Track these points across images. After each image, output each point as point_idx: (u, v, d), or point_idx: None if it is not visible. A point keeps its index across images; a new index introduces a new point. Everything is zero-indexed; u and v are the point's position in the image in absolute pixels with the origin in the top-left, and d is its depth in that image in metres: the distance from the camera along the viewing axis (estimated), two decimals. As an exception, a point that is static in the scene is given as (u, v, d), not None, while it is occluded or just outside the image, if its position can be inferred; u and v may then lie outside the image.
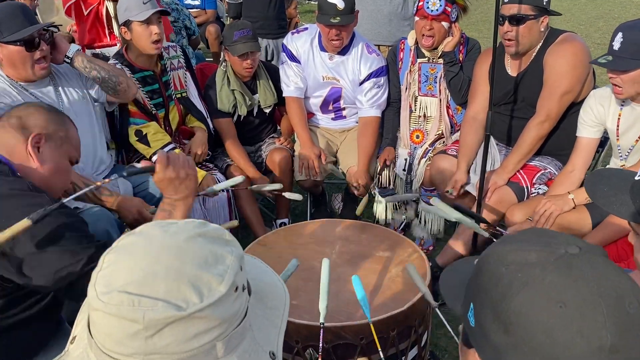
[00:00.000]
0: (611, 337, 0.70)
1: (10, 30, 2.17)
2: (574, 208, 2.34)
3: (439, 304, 1.68)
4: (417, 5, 2.86)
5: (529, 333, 0.73)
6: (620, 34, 2.12)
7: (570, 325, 0.71)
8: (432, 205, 2.21)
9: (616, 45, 2.12)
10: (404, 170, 3.07)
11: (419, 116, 3.09)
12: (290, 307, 0.94)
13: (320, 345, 1.58)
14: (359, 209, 2.63)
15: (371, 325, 1.64)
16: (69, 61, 2.39)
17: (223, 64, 3.10)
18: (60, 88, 2.42)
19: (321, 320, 1.60)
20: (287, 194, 2.45)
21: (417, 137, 3.11)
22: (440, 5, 2.80)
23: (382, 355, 1.62)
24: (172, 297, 0.71)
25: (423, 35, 2.89)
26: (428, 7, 2.81)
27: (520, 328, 0.74)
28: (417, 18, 2.90)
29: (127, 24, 2.70)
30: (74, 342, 0.80)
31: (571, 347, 0.71)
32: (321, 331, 1.59)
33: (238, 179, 2.43)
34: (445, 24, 2.86)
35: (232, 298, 0.76)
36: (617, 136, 2.33)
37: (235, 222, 2.22)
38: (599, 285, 0.73)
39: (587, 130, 2.43)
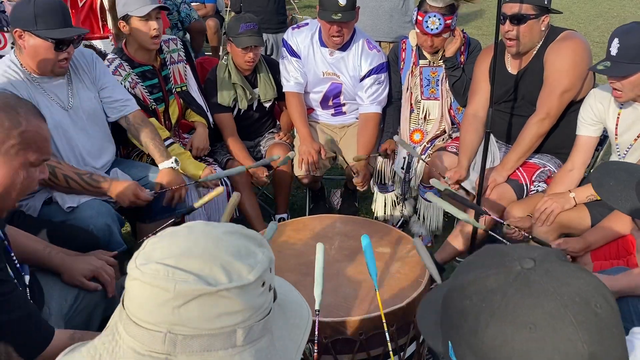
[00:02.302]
0: (587, 345, 0.70)
1: (46, 25, 2.15)
2: (574, 206, 2.34)
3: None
4: (416, 19, 2.82)
5: None
6: (616, 40, 2.12)
7: (545, 346, 0.71)
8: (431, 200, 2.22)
9: (613, 50, 2.13)
10: (402, 168, 3.08)
11: (420, 118, 3.09)
12: None
13: (316, 334, 1.57)
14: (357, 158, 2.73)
15: (377, 294, 1.66)
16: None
17: (224, 57, 3.10)
18: (73, 85, 2.40)
19: (316, 307, 1.59)
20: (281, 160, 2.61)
21: (417, 137, 3.11)
22: (440, 24, 2.76)
23: (388, 338, 1.62)
24: (204, 274, 0.76)
25: (424, 46, 2.90)
26: (428, 27, 2.78)
27: None
28: (417, 30, 2.88)
29: (125, 18, 2.69)
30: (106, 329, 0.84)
31: None
32: (316, 319, 1.58)
33: (239, 168, 2.48)
34: (446, 35, 2.86)
35: (259, 291, 0.79)
36: (616, 135, 2.34)
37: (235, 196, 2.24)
38: (561, 295, 0.73)
39: (587, 128, 2.44)
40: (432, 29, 2.78)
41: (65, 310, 1.81)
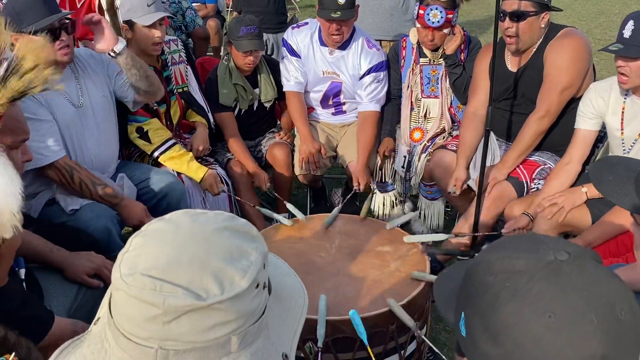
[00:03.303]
0: (602, 346, 0.69)
1: (30, 20, 2.11)
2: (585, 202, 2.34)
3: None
4: (418, 12, 2.82)
5: (518, 344, 0.72)
6: (631, 22, 2.10)
7: (559, 336, 0.70)
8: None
9: (627, 33, 2.11)
10: (403, 167, 3.08)
11: (420, 116, 3.09)
12: None
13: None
14: (363, 212, 2.53)
15: (368, 348, 1.67)
16: (114, 55, 2.35)
17: (225, 57, 3.10)
18: (83, 85, 2.40)
19: (319, 344, 1.64)
20: (290, 208, 2.46)
21: (417, 135, 3.11)
22: (442, 17, 2.76)
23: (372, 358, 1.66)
24: (194, 286, 0.71)
25: (424, 41, 2.90)
26: (429, 20, 2.78)
27: (509, 339, 0.73)
28: (418, 24, 2.89)
29: (129, 23, 2.68)
30: (97, 323, 0.81)
31: (561, 357, 0.70)
32: (319, 354, 1.63)
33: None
34: (447, 30, 2.86)
35: (252, 294, 0.76)
36: (622, 129, 2.32)
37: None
38: (588, 293, 0.72)
39: (586, 122, 2.43)
40: (433, 22, 2.77)
41: (68, 306, 1.82)
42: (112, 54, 2.35)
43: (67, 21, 2.26)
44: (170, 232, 0.77)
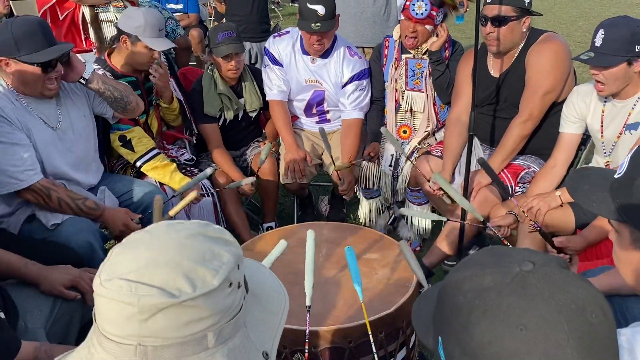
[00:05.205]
0: (577, 353, 0.70)
1: (29, 49, 2.09)
2: (560, 205, 2.35)
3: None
4: (404, 4, 2.86)
5: None
6: (602, 31, 2.14)
7: (534, 349, 0.70)
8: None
9: (598, 41, 2.15)
10: (390, 165, 3.07)
11: (406, 111, 3.09)
12: None
13: (307, 332, 1.55)
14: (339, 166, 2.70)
15: (363, 306, 1.63)
16: (84, 82, 2.35)
17: (209, 67, 3.09)
18: (62, 105, 2.37)
19: (307, 302, 1.57)
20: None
21: (405, 132, 3.11)
22: (426, 10, 2.80)
23: (374, 350, 1.60)
24: (167, 286, 0.76)
25: (406, 36, 2.90)
26: (414, 10, 2.82)
27: (486, 359, 0.73)
28: (402, 17, 2.91)
29: (132, 37, 2.67)
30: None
31: None
32: (307, 316, 1.55)
33: (208, 171, 2.53)
34: (428, 27, 2.87)
35: (225, 292, 0.80)
36: (602, 132, 2.35)
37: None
38: (557, 300, 0.72)
39: (570, 126, 2.46)
40: (417, 13, 2.80)
41: (44, 320, 1.80)
42: (82, 81, 2.36)
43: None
44: (146, 240, 0.83)
